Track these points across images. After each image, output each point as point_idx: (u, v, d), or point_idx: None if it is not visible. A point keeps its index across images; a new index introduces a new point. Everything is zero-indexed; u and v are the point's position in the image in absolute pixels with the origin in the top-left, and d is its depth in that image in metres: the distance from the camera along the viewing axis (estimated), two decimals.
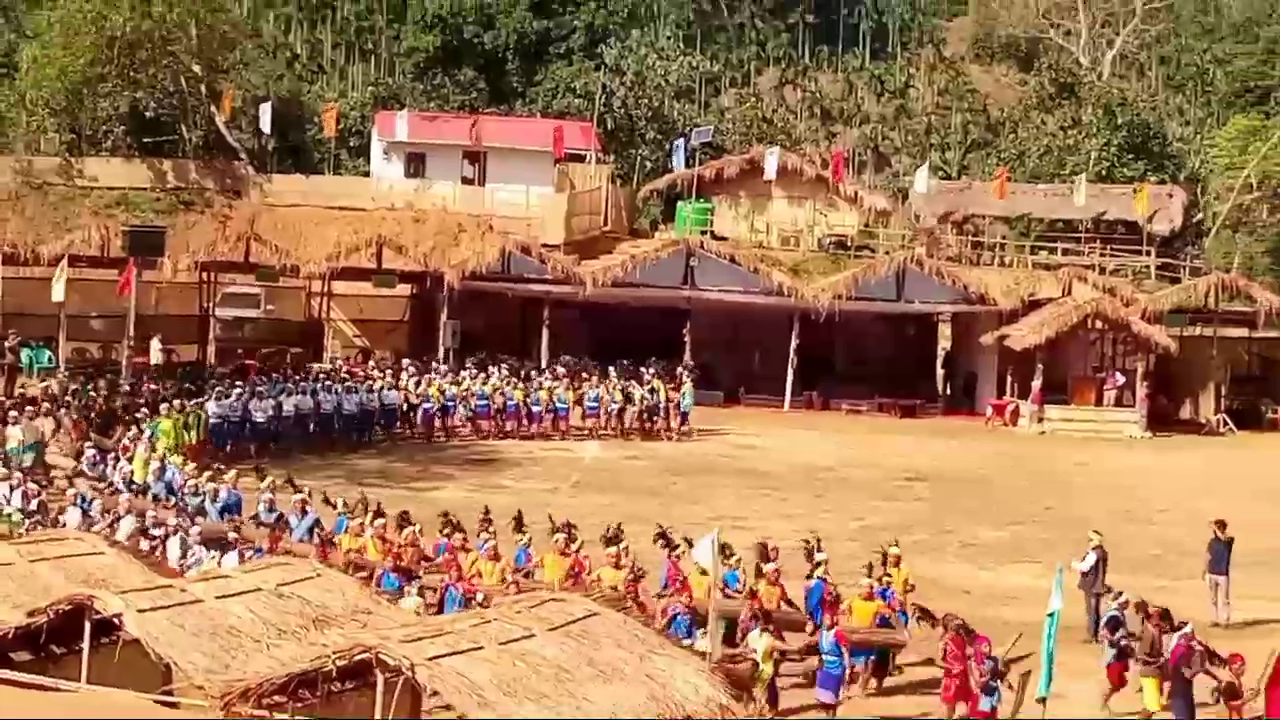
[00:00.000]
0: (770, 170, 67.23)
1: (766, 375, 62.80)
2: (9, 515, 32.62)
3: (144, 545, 28.89)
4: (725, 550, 27.18)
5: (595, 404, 53.52)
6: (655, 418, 53.86)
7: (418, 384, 52.16)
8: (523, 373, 54.41)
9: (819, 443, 54.21)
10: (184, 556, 29.40)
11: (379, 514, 31.67)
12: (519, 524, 31.20)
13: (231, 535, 30.06)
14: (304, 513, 32.31)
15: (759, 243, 67.11)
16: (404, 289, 63.57)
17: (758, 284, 62.06)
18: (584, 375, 54.92)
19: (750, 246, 65.73)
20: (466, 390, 52.31)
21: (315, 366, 54.79)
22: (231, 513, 32.78)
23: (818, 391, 62.60)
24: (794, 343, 61.43)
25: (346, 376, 51.49)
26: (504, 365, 54.73)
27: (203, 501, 33.55)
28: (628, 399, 53.51)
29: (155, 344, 57.52)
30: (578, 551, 29.56)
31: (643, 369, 55.37)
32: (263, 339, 61.74)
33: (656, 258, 62.17)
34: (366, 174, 72.42)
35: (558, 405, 52.91)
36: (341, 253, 60.19)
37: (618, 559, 28.36)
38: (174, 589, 20.49)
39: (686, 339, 60.50)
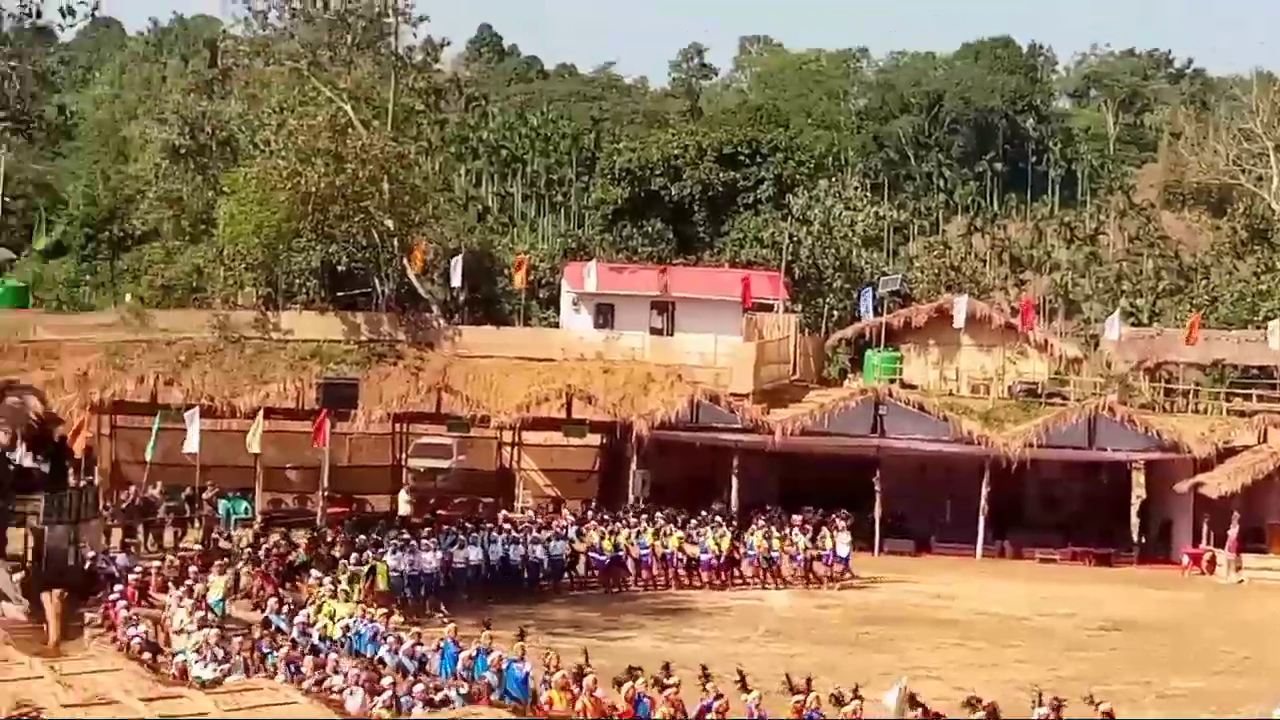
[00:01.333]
0: (959, 318, 66.83)
1: (957, 524, 62.06)
2: (202, 673, 32.99)
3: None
4: (914, 700, 26.69)
5: (753, 552, 53.13)
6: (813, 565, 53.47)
7: (610, 533, 52.11)
8: (711, 521, 54.21)
9: (1011, 592, 53.32)
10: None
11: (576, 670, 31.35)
12: (744, 683, 30.79)
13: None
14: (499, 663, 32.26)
15: (948, 391, 66.64)
16: (594, 439, 63.83)
17: (947, 432, 61.55)
18: (778, 523, 54.58)
19: (939, 394, 65.28)
20: (657, 539, 52.18)
21: (503, 515, 54.97)
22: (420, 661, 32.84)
23: (1009, 540, 61.69)
24: (985, 491, 60.69)
25: (507, 527, 51.37)
26: (681, 514, 54.58)
27: (392, 650, 33.66)
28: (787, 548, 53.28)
29: (403, 496, 58.06)
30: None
31: (794, 515, 55.08)
32: (455, 489, 62.19)
33: (845, 406, 61.92)
34: (556, 324, 73.19)
35: (749, 554, 52.75)
36: (532, 403, 60.64)
37: (800, 710, 27.91)
38: None
39: (876, 488, 60.02)
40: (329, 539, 48.04)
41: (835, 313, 79.26)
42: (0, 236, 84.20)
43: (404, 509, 56.99)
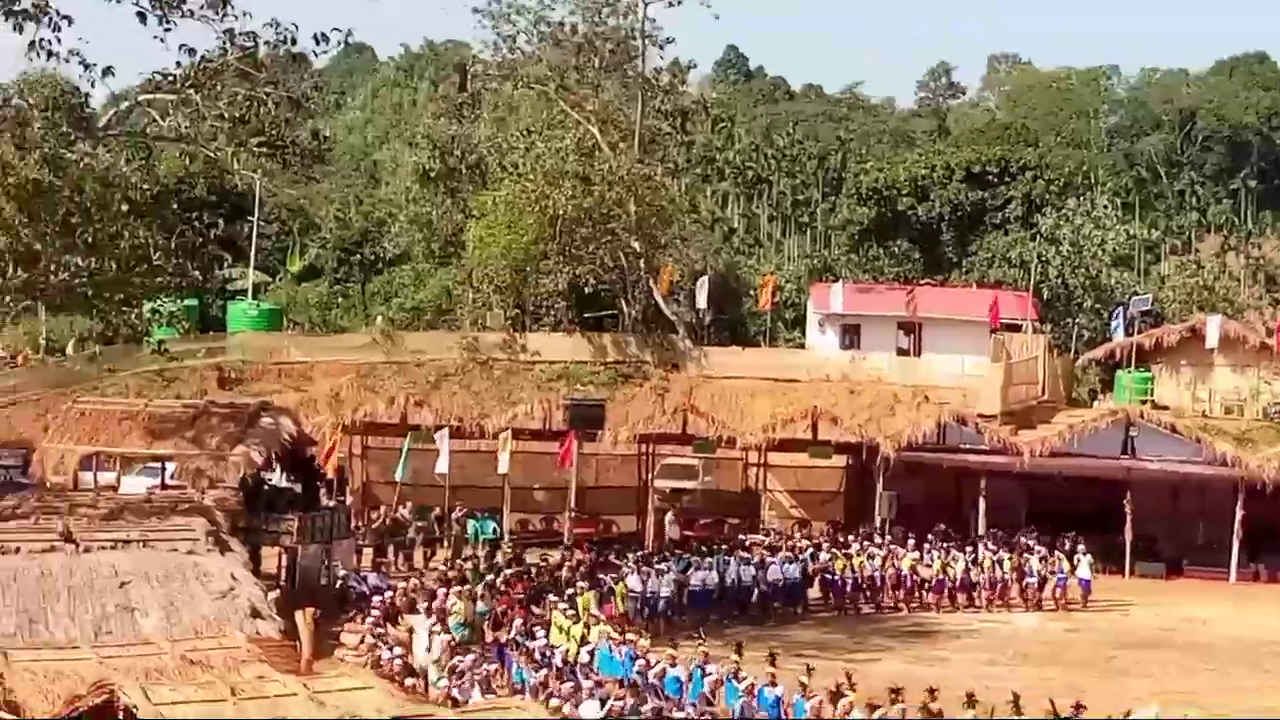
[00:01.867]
0: (1212, 338, 65.28)
1: (1210, 546, 60.56)
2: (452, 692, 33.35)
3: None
4: None
5: (983, 575, 52.50)
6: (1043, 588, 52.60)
7: (856, 554, 51.86)
8: (959, 544, 53.74)
9: (1267, 616, 51.82)
10: None
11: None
12: (1016, 705, 30.41)
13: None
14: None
15: (1201, 412, 65.07)
16: (840, 460, 63.46)
17: (1200, 454, 60.11)
18: (1024, 547, 53.93)
19: (1192, 416, 63.79)
20: (909, 562, 51.87)
21: (740, 538, 54.87)
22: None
23: (1264, 564, 60.00)
24: (1239, 513, 59.14)
25: (746, 552, 51.31)
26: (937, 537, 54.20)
27: (640, 673, 33.74)
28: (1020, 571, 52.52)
29: (669, 519, 58.39)
30: None
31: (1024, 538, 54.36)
32: (701, 510, 62.24)
33: (1095, 428, 60.81)
34: (802, 345, 72.90)
35: (998, 577, 52.21)
36: (777, 424, 60.45)
37: None
38: None
39: (1127, 509, 58.80)
40: (574, 560, 48.37)
41: (1085, 333, 77.84)
42: (255, 260, 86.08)
43: (671, 532, 57.11)
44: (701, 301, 70.12)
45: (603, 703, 30.49)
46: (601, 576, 45.71)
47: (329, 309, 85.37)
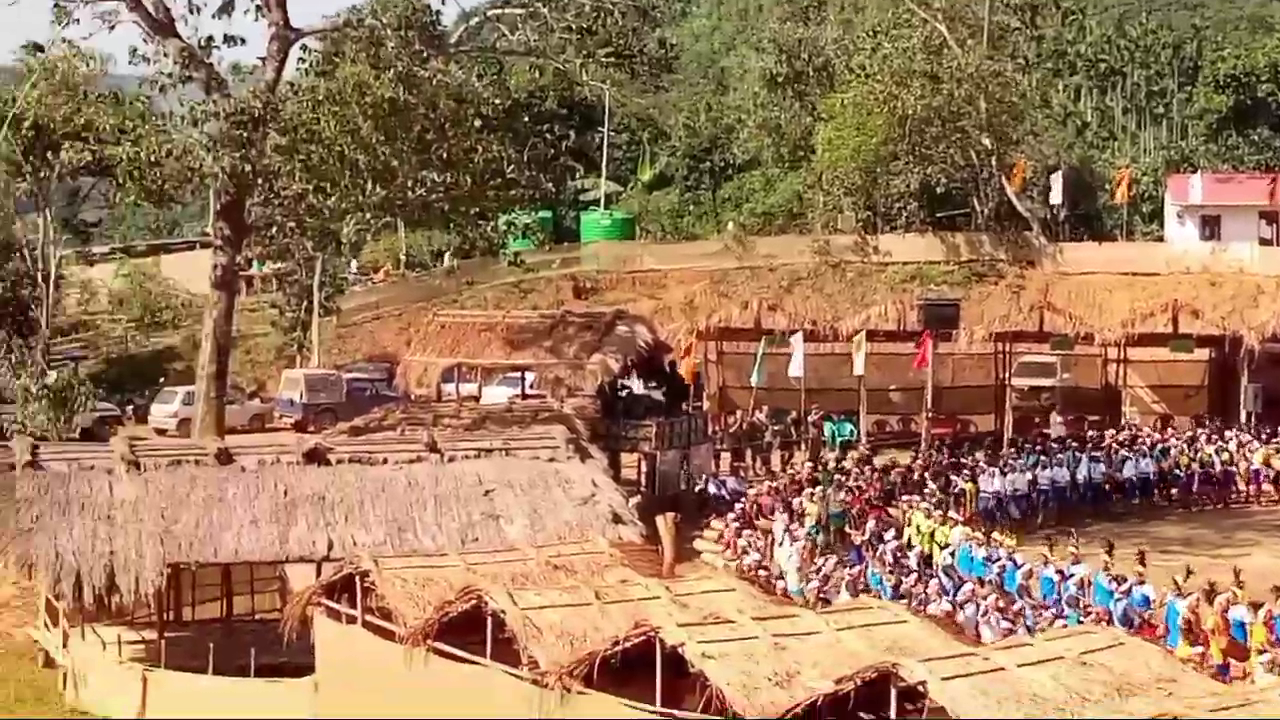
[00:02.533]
0: None
1: None
2: (806, 594, 33.43)
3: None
4: None
5: None
6: None
7: (1218, 449, 50.49)
8: None
9: None
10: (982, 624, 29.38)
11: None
12: None
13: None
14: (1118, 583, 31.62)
15: None
16: (1202, 353, 61.60)
17: None
18: None
19: None
20: (1262, 456, 50.33)
21: (1097, 435, 53.69)
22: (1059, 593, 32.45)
23: None
24: None
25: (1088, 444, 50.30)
26: None
27: (1002, 574, 33.40)
28: None
29: (1054, 416, 57.80)
30: None
31: None
32: (1059, 407, 61.11)
33: None
34: (1160, 239, 70.96)
35: None
36: (1136, 319, 58.91)
37: None
38: (976, 658, 20.34)
39: None
40: (926, 460, 48.02)
41: None
42: (606, 170, 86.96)
43: (1056, 430, 56.18)
44: (1056, 197, 68.71)
45: (964, 605, 30.24)
46: (953, 476, 45.24)
47: (680, 217, 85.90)
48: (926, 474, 45.51)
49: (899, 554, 35.95)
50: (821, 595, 32.46)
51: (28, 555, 31.48)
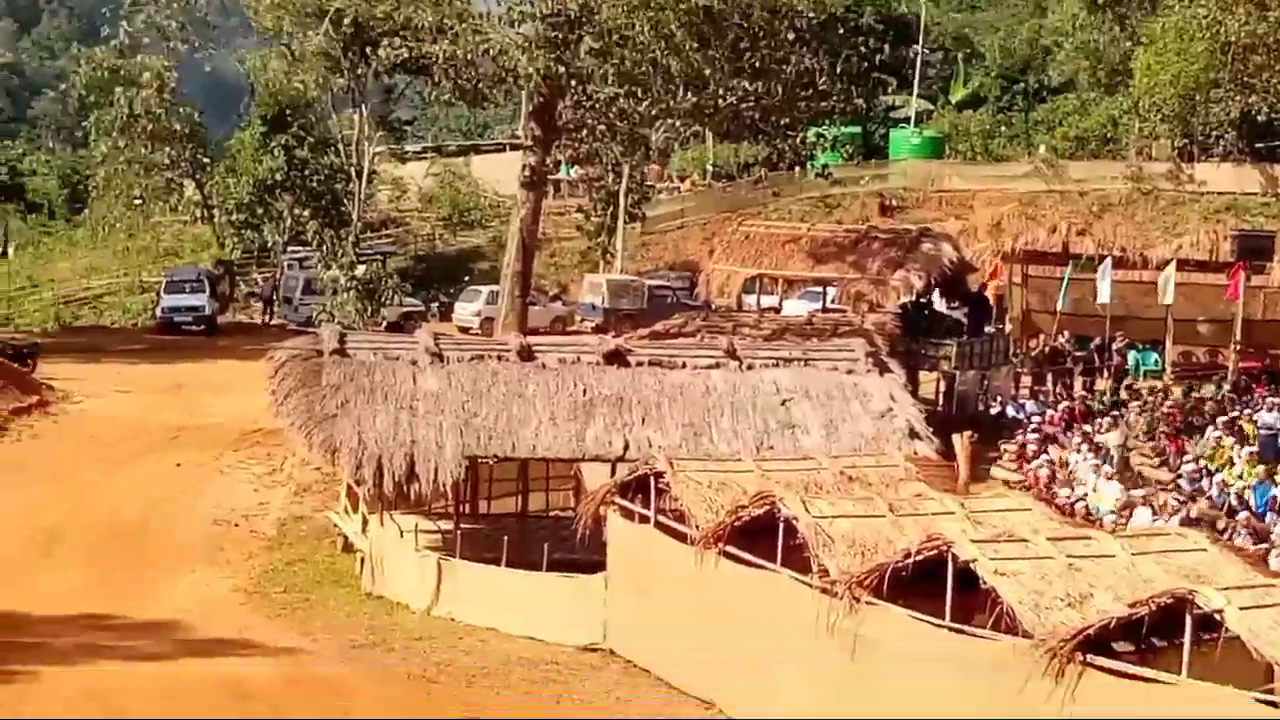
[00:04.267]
0: None
1: None
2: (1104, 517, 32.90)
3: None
4: None
5: None
6: None
7: None
8: None
9: None
10: None
11: None
12: None
13: None
14: None
15: None
16: None
17: None
18: None
19: None
20: None
21: None
22: None
23: None
24: None
25: None
26: None
27: None
28: None
29: None
30: None
31: None
32: None
33: None
34: None
35: None
36: None
37: None
38: (1276, 589, 19.81)
39: None
40: (1221, 394, 46.72)
41: None
42: (918, 88, 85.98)
43: None
44: None
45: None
46: (1235, 412, 43.88)
47: (991, 137, 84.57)
48: (1227, 406, 44.28)
49: (1196, 480, 35.15)
50: (1119, 520, 31.91)
51: (332, 440, 32.30)
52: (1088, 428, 40.55)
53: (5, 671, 25.69)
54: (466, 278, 73.30)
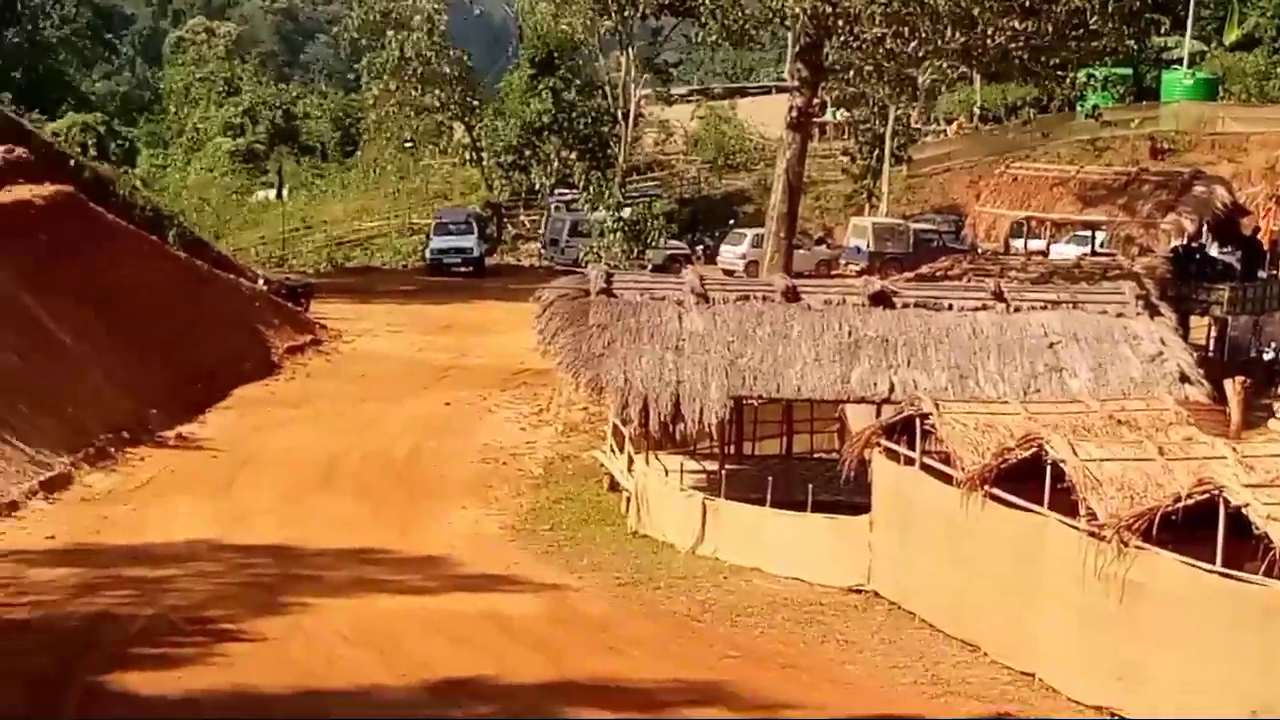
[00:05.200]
0: None
1: None
2: None
3: None
4: None
5: None
6: None
7: None
8: None
9: None
10: None
11: None
12: None
13: None
14: None
15: None
16: None
17: None
18: None
19: None
20: None
21: None
22: None
23: None
24: None
25: None
26: None
27: None
28: None
29: None
30: None
31: None
32: None
33: None
34: None
35: None
36: None
37: None
38: None
39: None
40: None
41: None
42: (1191, 29, 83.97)
43: None
44: None
45: None
46: None
47: (1266, 79, 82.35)
48: None
49: None
50: None
51: (598, 379, 32.71)
52: None
53: (280, 603, 26.52)
54: (731, 221, 73.50)
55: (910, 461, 27.11)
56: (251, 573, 28.83)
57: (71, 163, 54.23)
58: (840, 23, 44.90)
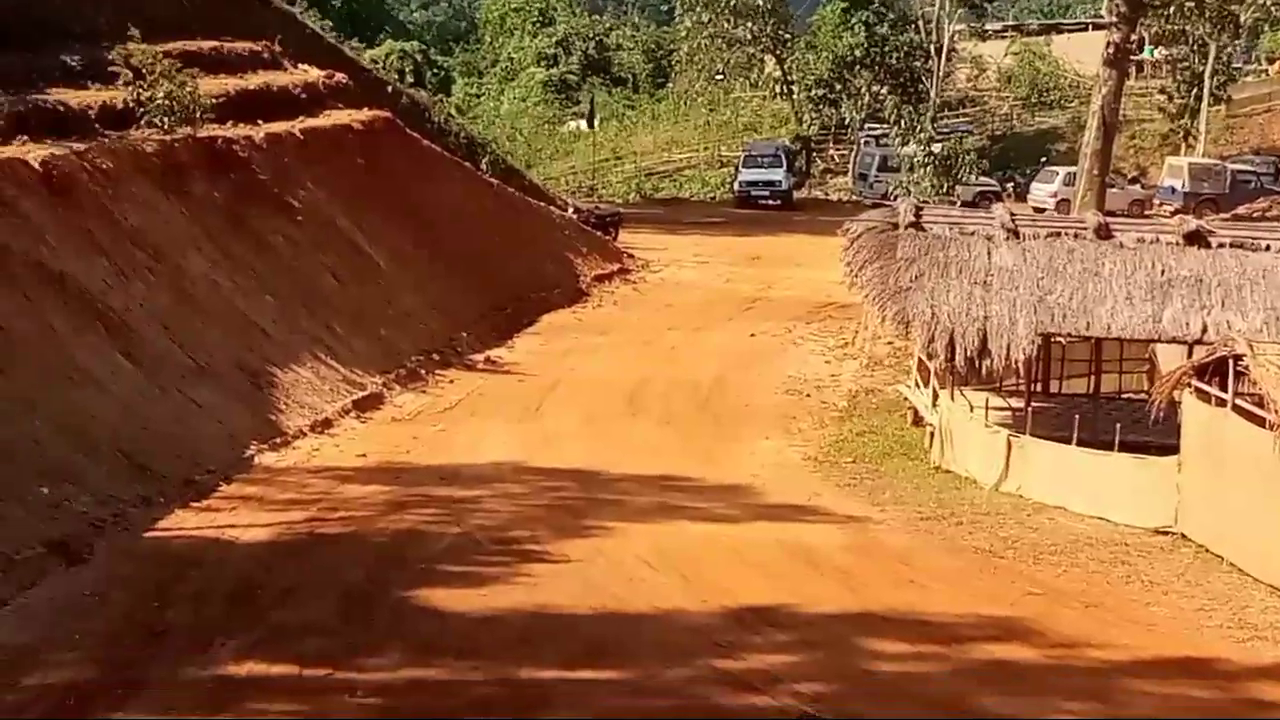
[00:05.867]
0: None
1: None
2: None
3: None
4: None
5: None
6: None
7: None
8: None
9: None
10: None
11: None
12: None
13: None
14: None
15: None
16: None
17: None
18: None
19: None
20: None
21: None
22: None
23: None
24: None
25: None
26: None
27: None
28: None
29: None
30: None
31: None
32: None
33: None
34: None
35: None
36: None
37: None
38: None
39: None
40: None
41: None
42: None
43: None
44: None
45: None
46: None
47: None
48: None
49: None
50: None
51: (904, 313, 32.55)
52: None
53: (583, 526, 27.00)
54: (1043, 159, 72.41)
55: (1222, 403, 26.55)
56: (556, 495, 29.36)
57: (389, 89, 55.47)
58: None
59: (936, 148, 63.75)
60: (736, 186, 73.91)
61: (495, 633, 21.34)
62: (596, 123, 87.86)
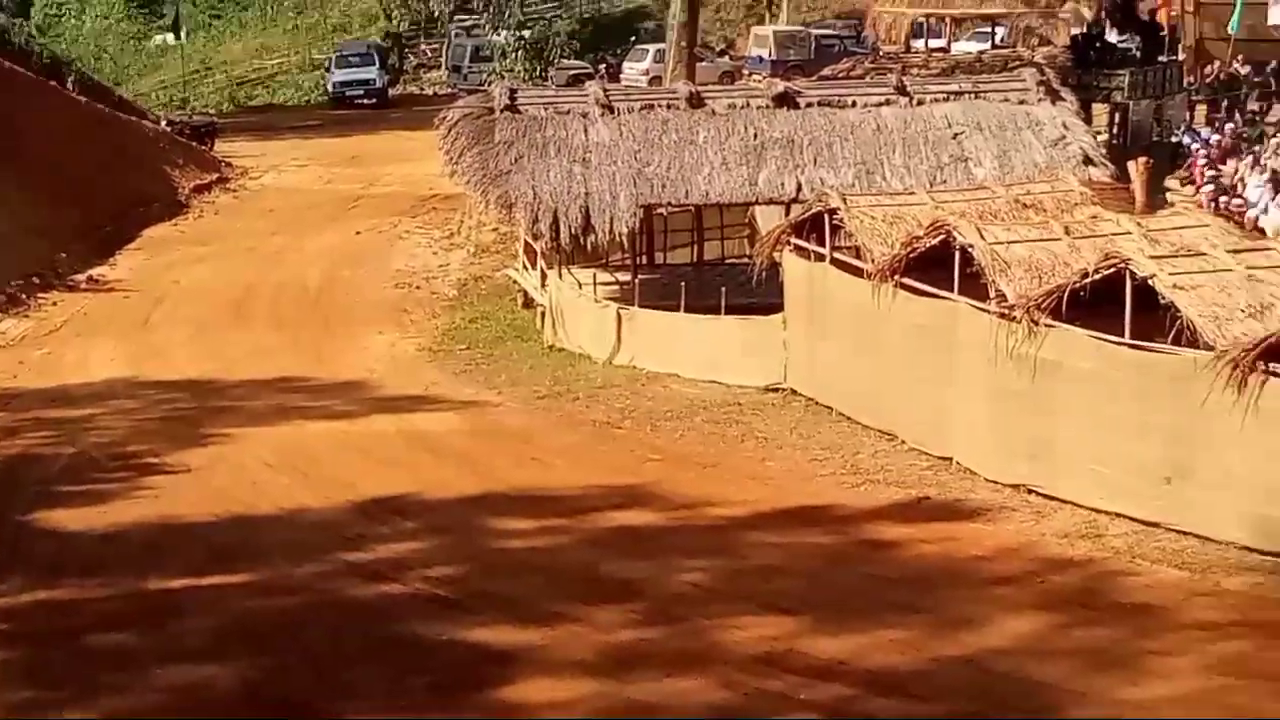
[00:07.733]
0: None
1: None
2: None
3: None
4: None
5: None
6: None
7: None
8: None
9: None
10: None
11: None
12: None
13: None
14: None
15: None
16: None
17: None
18: None
19: None
20: None
21: None
22: None
23: None
24: None
25: None
26: None
27: None
28: None
29: None
30: None
31: None
32: None
33: None
34: None
35: None
36: None
37: None
38: None
39: None
40: None
41: None
42: None
43: None
44: None
45: None
46: None
47: None
48: None
49: None
50: None
51: (507, 196, 32.65)
52: (1257, 149, 39.69)
53: (201, 435, 26.64)
54: (633, 38, 72.95)
55: (820, 258, 27.25)
56: (171, 407, 28.95)
57: None
58: None
59: (527, 33, 63.87)
60: (330, 88, 72.88)
61: (120, 548, 21.04)
62: (184, 35, 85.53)
